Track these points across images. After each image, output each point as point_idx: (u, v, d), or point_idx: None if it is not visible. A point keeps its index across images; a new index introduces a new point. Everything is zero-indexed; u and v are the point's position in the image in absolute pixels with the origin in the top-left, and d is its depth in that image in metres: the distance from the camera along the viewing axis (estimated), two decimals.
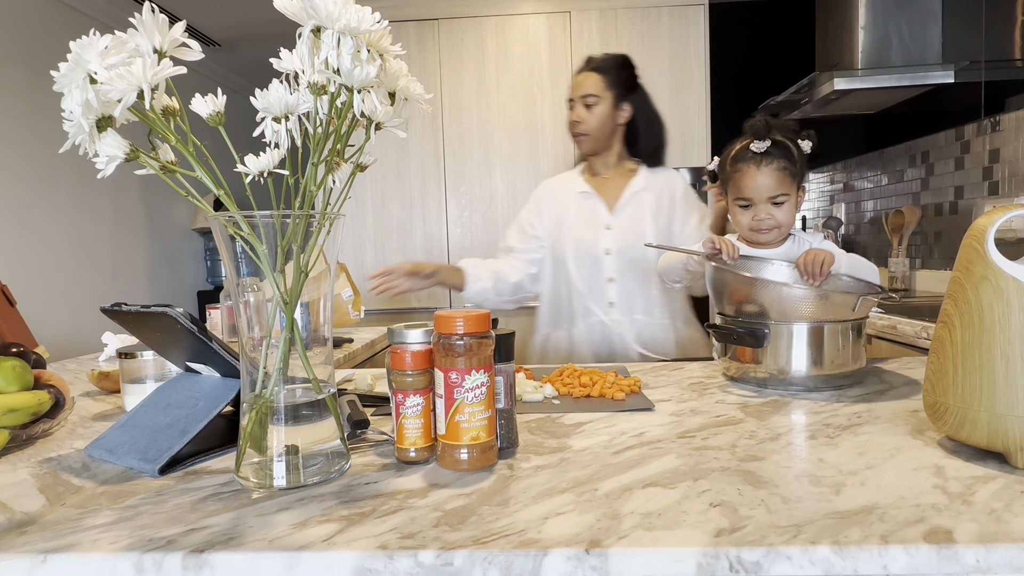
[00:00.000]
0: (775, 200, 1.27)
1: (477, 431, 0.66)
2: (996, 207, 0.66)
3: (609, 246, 1.61)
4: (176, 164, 0.64)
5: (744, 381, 1.04)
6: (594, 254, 1.61)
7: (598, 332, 1.62)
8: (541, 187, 1.75)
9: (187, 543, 0.52)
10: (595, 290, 1.62)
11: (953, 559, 0.48)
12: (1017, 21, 2.21)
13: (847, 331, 0.98)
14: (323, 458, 0.65)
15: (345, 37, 0.59)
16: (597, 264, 1.60)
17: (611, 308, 1.61)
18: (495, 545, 0.50)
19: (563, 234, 1.64)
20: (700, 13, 3.10)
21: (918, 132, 2.80)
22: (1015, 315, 0.61)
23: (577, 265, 1.62)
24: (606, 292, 1.62)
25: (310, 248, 0.65)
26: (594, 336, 1.62)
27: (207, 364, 0.77)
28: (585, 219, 1.64)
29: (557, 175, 1.77)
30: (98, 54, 0.56)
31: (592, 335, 1.62)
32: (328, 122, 0.63)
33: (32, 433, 0.80)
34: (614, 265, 1.60)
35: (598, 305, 1.62)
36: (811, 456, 0.68)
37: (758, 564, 0.48)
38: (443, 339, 0.65)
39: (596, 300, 1.62)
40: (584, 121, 1.59)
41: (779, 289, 1.01)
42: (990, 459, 0.66)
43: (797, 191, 1.29)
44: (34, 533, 0.54)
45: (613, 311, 1.61)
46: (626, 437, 0.77)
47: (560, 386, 1.00)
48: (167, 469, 0.69)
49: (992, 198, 2.35)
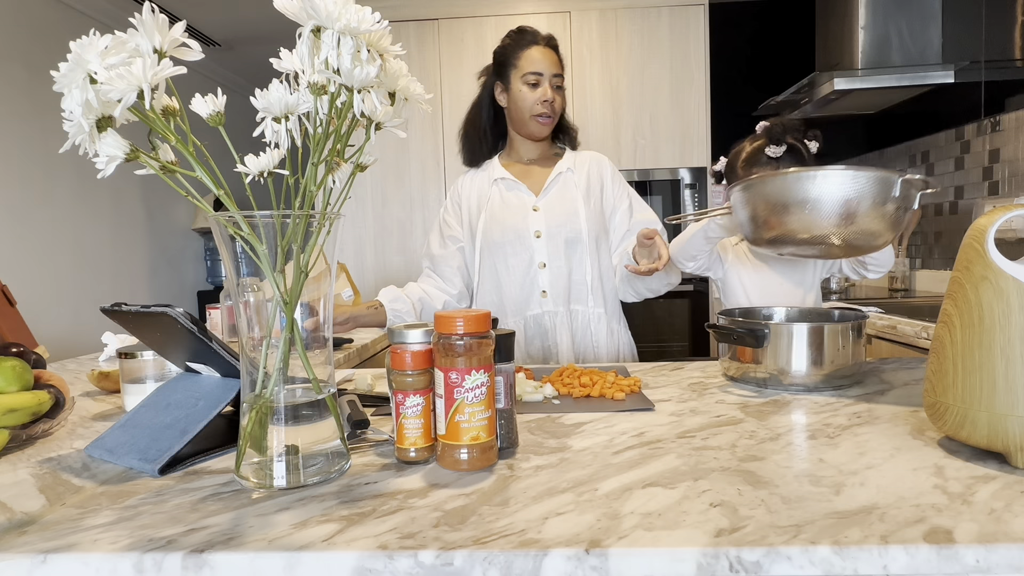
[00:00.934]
0: None
1: (477, 431, 0.66)
2: (996, 207, 0.66)
3: (539, 228, 1.50)
4: (176, 164, 0.64)
5: (744, 381, 1.04)
6: (523, 238, 1.51)
7: (531, 327, 1.52)
8: (457, 183, 1.64)
9: (187, 543, 0.52)
10: (527, 279, 1.52)
11: (953, 559, 0.48)
12: (1017, 21, 2.21)
13: (847, 331, 0.98)
14: (323, 458, 0.65)
15: (345, 37, 0.59)
16: (528, 249, 1.50)
17: (544, 298, 1.51)
18: (495, 545, 0.50)
19: (490, 224, 1.53)
20: (700, 13, 3.10)
21: (918, 132, 2.80)
22: (1015, 315, 0.61)
23: (505, 253, 1.51)
24: (538, 280, 1.51)
25: (310, 248, 0.65)
26: (528, 332, 1.52)
27: (207, 364, 0.77)
28: (510, 204, 1.53)
29: (463, 175, 1.66)
30: (98, 54, 0.56)
31: (526, 331, 1.52)
32: (328, 122, 0.63)
33: (32, 433, 0.80)
34: (545, 249, 1.50)
35: (530, 295, 1.51)
36: (811, 456, 0.68)
37: (758, 564, 0.48)
38: (443, 339, 0.65)
39: (528, 289, 1.51)
40: (555, 102, 1.48)
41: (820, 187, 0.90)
42: (990, 459, 0.66)
43: None
44: (34, 533, 0.54)
45: (547, 301, 1.51)
46: (626, 437, 0.77)
47: (560, 386, 1.00)
48: (167, 469, 0.69)
49: (992, 198, 2.35)
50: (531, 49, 1.47)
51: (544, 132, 1.51)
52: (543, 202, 1.52)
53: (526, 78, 1.46)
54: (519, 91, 1.47)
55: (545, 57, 1.47)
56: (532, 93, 1.46)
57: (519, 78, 1.47)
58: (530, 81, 1.46)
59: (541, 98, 1.46)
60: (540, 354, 1.51)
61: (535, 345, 1.52)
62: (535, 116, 1.48)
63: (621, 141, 3.15)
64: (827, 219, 0.93)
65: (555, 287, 1.51)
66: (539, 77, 1.46)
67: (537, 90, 1.46)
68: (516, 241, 1.51)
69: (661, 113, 3.14)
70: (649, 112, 3.14)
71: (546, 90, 1.46)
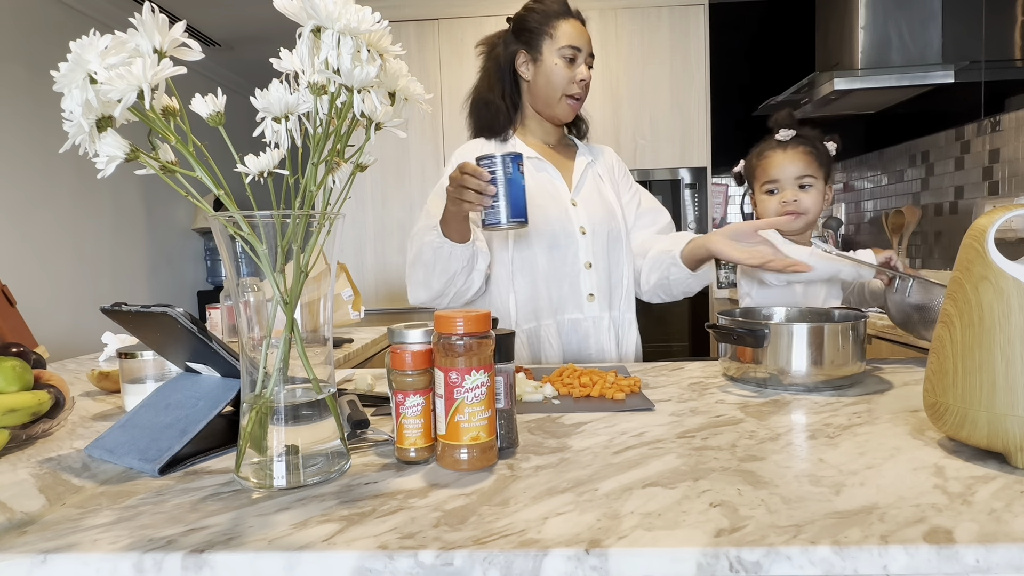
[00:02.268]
0: (801, 182, 1.27)
1: (477, 431, 0.66)
2: (996, 207, 0.66)
3: (582, 223, 1.36)
4: (176, 164, 0.64)
5: (744, 381, 1.04)
6: (569, 233, 1.35)
7: (571, 332, 1.37)
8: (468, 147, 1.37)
9: (187, 543, 0.52)
10: (572, 279, 1.36)
11: (953, 559, 0.48)
12: (1017, 21, 2.21)
13: (847, 331, 0.98)
14: (323, 458, 0.65)
15: (345, 37, 0.59)
16: (573, 245, 1.35)
17: (591, 302, 1.37)
18: (495, 545, 0.50)
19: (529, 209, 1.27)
20: (700, 13, 3.10)
21: (918, 132, 2.80)
22: (1015, 315, 0.61)
23: (549, 246, 1.34)
24: (584, 281, 1.37)
25: (310, 248, 0.65)
26: (566, 338, 1.37)
27: (207, 364, 0.77)
28: (547, 193, 1.36)
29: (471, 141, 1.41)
30: (98, 54, 0.56)
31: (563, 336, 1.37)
32: (328, 122, 0.63)
33: (32, 433, 0.80)
34: (591, 247, 1.36)
35: (573, 297, 1.37)
36: (811, 456, 0.68)
37: (758, 564, 0.48)
38: (443, 339, 0.65)
39: (573, 290, 1.37)
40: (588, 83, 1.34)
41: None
42: (990, 459, 0.66)
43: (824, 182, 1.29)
44: (34, 533, 0.54)
45: (592, 306, 1.37)
46: (626, 437, 0.77)
47: (560, 386, 1.00)
48: (167, 469, 0.69)
49: (992, 198, 2.35)
50: (568, 21, 1.32)
51: (571, 115, 1.38)
52: (579, 197, 1.40)
53: (563, 51, 1.30)
54: (553, 65, 1.31)
55: (582, 32, 1.33)
56: (568, 70, 1.31)
57: (554, 50, 1.31)
58: (567, 55, 1.31)
59: (578, 77, 1.32)
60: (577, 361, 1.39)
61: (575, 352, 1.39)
62: (568, 96, 1.34)
63: (621, 141, 3.15)
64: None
65: (600, 290, 1.39)
66: (577, 53, 1.31)
67: (574, 67, 1.32)
68: (561, 235, 1.35)
69: (661, 113, 3.14)
70: (649, 112, 3.14)
71: (583, 69, 1.32)
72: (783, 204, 1.28)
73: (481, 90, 1.41)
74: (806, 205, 1.28)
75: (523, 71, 1.36)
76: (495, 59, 1.39)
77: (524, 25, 1.35)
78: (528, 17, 1.35)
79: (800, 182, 1.27)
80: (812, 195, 1.28)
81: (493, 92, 1.38)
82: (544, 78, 1.33)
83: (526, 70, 1.36)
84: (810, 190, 1.28)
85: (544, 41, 1.32)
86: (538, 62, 1.34)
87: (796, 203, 1.27)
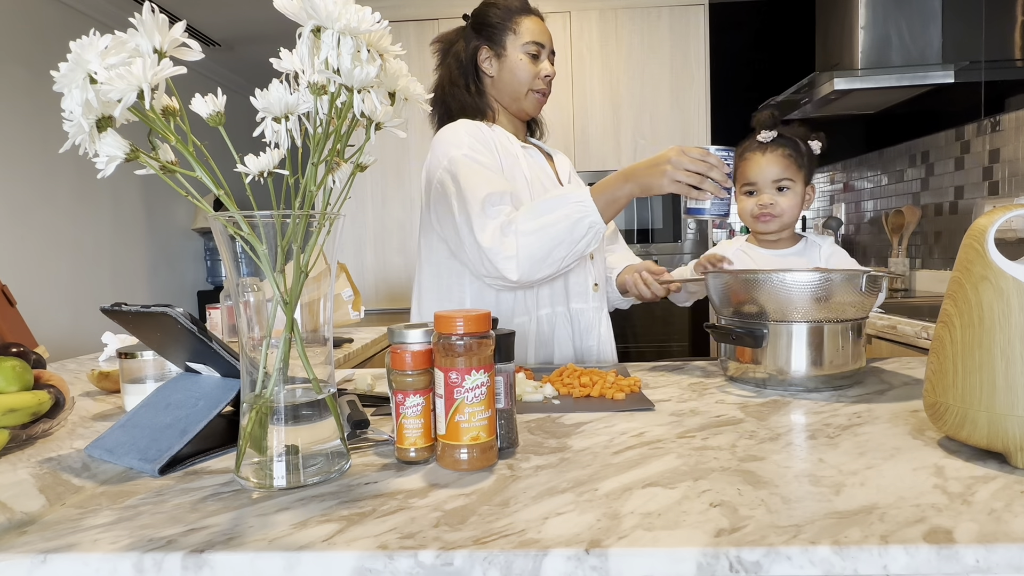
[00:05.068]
0: (779, 185, 1.30)
1: (477, 431, 0.66)
2: (996, 207, 0.66)
3: None
4: (176, 164, 0.64)
5: (744, 381, 1.04)
6: None
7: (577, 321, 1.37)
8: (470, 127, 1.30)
9: (187, 543, 0.52)
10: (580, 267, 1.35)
11: (953, 559, 0.48)
12: (1017, 21, 2.21)
13: (847, 331, 0.98)
14: (323, 458, 0.65)
15: (345, 37, 0.59)
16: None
17: (596, 292, 1.38)
18: (495, 545, 0.50)
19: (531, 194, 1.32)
20: (700, 13, 3.10)
21: (918, 132, 2.80)
22: (1015, 315, 0.61)
23: None
24: (588, 270, 1.37)
25: (310, 248, 0.65)
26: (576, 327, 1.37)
27: (207, 364, 0.77)
28: (544, 182, 1.36)
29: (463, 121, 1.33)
30: (98, 54, 0.56)
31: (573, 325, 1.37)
32: (328, 122, 0.63)
33: (32, 433, 0.80)
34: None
35: (582, 286, 1.36)
36: (811, 456, 0.68)
37: (758, 564, 0.48)
38: (443, 339, 0.65)
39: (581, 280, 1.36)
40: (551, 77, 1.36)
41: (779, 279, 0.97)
42: (990, 459, 0.66)
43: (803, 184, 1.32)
44: (34, 533, 0.54)
45: (598, 295, 1.38)
46: (626, 437, 0.77)
47: (560, 386, 1.00)
48: (167, 469, 0.69)
49: (992, 198, 2.35)
50: (529, 17, 1.34)
51: (538, 109, 1.38)
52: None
53: (527, 47, 1.32)
54: (518, 60, 1.32)
55: (544, 29, 1.35)
56: (533, 66, 1.33)
57: (518, 46, 1.32)
58: (531, 51, 1.32)
59: (543, 72, 1.33)
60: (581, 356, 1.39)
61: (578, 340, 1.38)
62: (533, 91, 1.35)
63: (621, 141, 3.15)
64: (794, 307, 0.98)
65: (602, 281, 1.40)
66: (540, 49, 1.33)
67: (539, 63, 1.33)
68: None
69: (661, 113, 3.14)
70: (649, 112, 3.14)
71: (547, 64, 1.34)
72: (759, 207, 1.32)
73: (444, 85, 1.39)
74: (782, 207, 1.32)
75: (486, 67, 1.36)
76: (455, 55, 1.38)
77: (486, 21, 1.34)
78: (489, 12, 1.34)
79: (778, 185, 1.31)
80: (789, 197, 1.32)
81: (457, 86, 1.37)
82: (509, 73, 1.34)
83: (489, 65, 1.35)
84: (787, 192, 1.32)
85: (507, 36, 1.33)
86: (502, 58, 1.34)
87: (772, 206, 1.31)
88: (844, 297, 0.96)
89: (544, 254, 1.17)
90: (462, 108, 1.36)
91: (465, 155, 1.25)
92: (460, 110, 1.36)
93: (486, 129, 1.32)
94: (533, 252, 1.17)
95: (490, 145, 1.30)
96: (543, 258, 1.17)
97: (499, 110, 1.39)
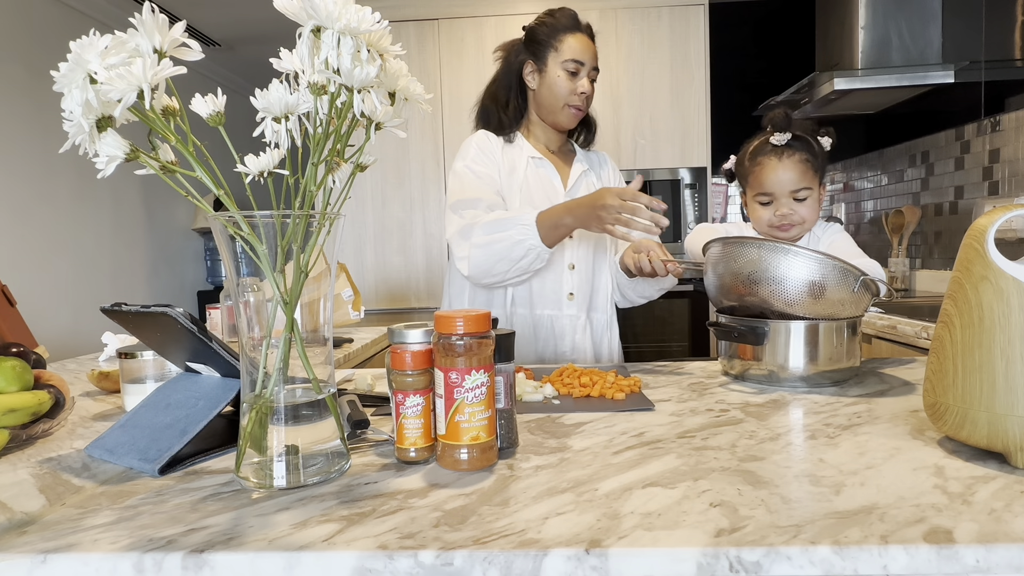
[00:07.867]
0: (797, 194, 1.24)
1: (477, 431, 0.66)
2: (996, 207, 0.66)
3: None
4: (176, 164, 0.64)
5: (744, 379, 1.04)
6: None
7: (546, 328, 1.45)
8: (480, 138, 1.45)
9: (187, 543, 0.52)
10: (555, 277, 1.43)
11: (953, 559, 0.48)
12: (1017, 21, 2.21)
13: (842, 328, 1.00)
14: (323, 458, 0.65)
15: (345, 37, 0.59)
16: (559, 247, 1.39)
17: (570, 301, 1.44)
18: (495, 545, 0.50)
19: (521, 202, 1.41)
20: (700, 13, 3.10)
21: (918, 132, 2.80)
22: (1015, 315, 0.61)
23: None
24: (566, 281, 1.44)
25: (310, 248, 0.65)
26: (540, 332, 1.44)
27: (207, 364, 0.77)
28: (544, 193, 1.43)
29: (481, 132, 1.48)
30: (98, 54, 0.56)
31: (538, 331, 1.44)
32: (328, 122, 0.63)
33: (32, 433, 0.80)
34: (577, 250, 1.45)
35: (554, 295, 1.44)
36: (811, 456, 0.68)
37: (758, 564, 0.48)
38: (443, 339, 0.65)
39: (555, 288, 1.44)
40: (589, 95, 1.40)
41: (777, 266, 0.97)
42: (990, 459, 0.66)
43: (820, 186, 1.27)
44: (34, 533, 0.54)
45: (572, 304, 1.45)
46: (626, 437, 0.77)
47: (560, 386, 1.00)
48: (167, 469, 0.69)
49: (992, 198, 2.35)
50: (574, 35, 1.38)
51: (574, 123, 1.44)
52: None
53: (566, 65, 1.37)
54: (556, 77, 1.38)
55: (587, 47, 1.39)
56: (570, 82, 1.38)
57: (558, 63, 1.38)
58: (570, 69, 1.37)
59: (579, 89, 1.38)
60: (553, 358, 1.46)
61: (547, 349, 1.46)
62: (569, 106, 1.40)
63: (621, 141, 3.15)
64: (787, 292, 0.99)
65: (581, 291, 1.47)
66: (579, 67, 1.37)
67: (576, 80, 1.38)
68: None
69: (661, 113, 3.14)
70: (649, 112, 3.14)
71: (585, 82, 1.39)
72: (779, 217, 1.25)
73: (489, 94, 1.50)
74: (802, 215, 1.24)
75: (529, 80, 1.44)
76: (507, 65, 1.47)
77: (534, 37, 1.42)
78: (538, 29, 1.41)
79: (796, 195, 1.23)
80: (808, 204, 1.24)
81: (497, 100, 1.48)
82: (547, 88, 1.41)
83: (532, 79, 1.43)
84: (807, 200, 1.24)
85: (550, 53, 1.39)
86: (543, 73, 1.41)
87: (791, 215, 1.24)
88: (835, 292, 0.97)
89: (488, 267, 1.32)
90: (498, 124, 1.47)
91: (466, 166, 1.41)
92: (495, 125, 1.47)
93: (497, 143, 1.45)
94: (480, 263, 1.32)
95: (495, 158, 1.43)
96: (488, 270, 1.33)
97: (536, 121, 1.48)
